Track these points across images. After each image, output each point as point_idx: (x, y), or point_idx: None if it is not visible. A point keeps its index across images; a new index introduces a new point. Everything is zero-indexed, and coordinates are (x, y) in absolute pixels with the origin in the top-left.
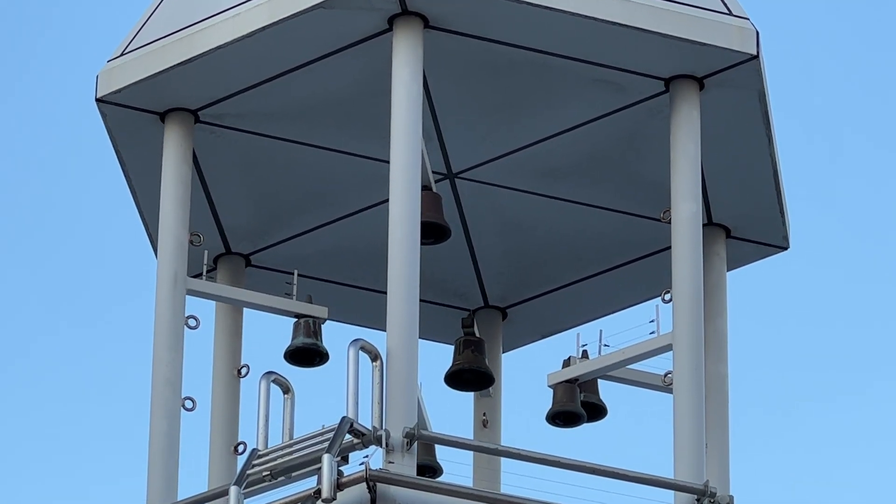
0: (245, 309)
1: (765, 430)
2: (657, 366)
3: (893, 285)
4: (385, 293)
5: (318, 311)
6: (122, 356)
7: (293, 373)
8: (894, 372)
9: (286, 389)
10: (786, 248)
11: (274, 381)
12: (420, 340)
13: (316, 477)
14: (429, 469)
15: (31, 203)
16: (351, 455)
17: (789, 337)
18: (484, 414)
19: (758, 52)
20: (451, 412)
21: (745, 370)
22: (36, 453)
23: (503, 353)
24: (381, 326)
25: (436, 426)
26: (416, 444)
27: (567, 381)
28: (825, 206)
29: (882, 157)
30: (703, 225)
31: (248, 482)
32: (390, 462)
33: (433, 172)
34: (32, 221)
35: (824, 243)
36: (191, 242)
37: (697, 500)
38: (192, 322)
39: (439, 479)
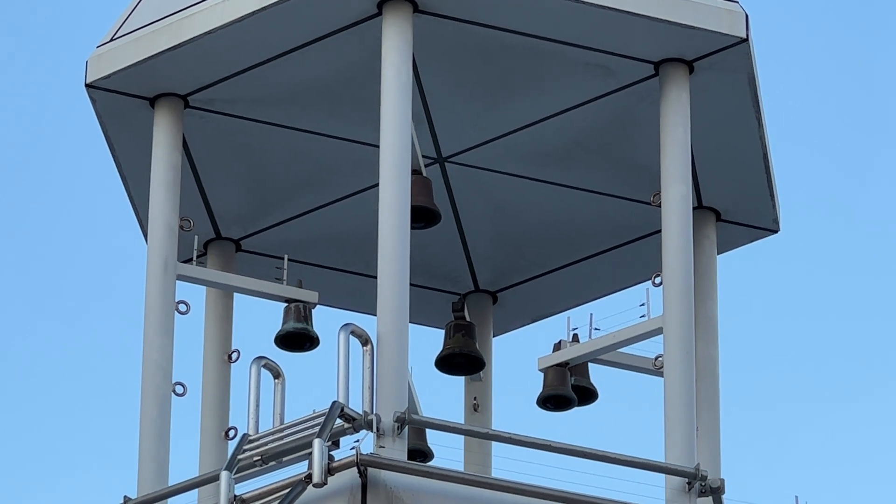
0: (235, 294)
1: (756, 412)
2: (648, 349)
3: (883, 268)
4: (375, 278)
5: (308, 295)
6: (112, 342)
7: (284, 358)
8: (886, 354)
9: (277, 374)
10: (776, 231)
11: (264, 366)
12: (410, 325)
13: (307, 462)
14: (420, 453)
15: (21, 189)
16: (342, 440)
17: (780, 320)
18: (475, 398)
19: (747, 36)
20: (442, 396)
21: (735, 353)
22: (26, 439)
23: (494, 336)
24: (372, 311)
25: (426, 410)
26: (406, 428)
27: (558, 365)
28: (816, 189)
29: (871, 139)
30: (693, 208)
31: (239, 467)
32: (381, 446)
33: (423, 157)
34: (22, 207)
35: (815, 226)
36: (181, 228)
37: (688, 483)
38: (182, 307)
39: (430, 463)
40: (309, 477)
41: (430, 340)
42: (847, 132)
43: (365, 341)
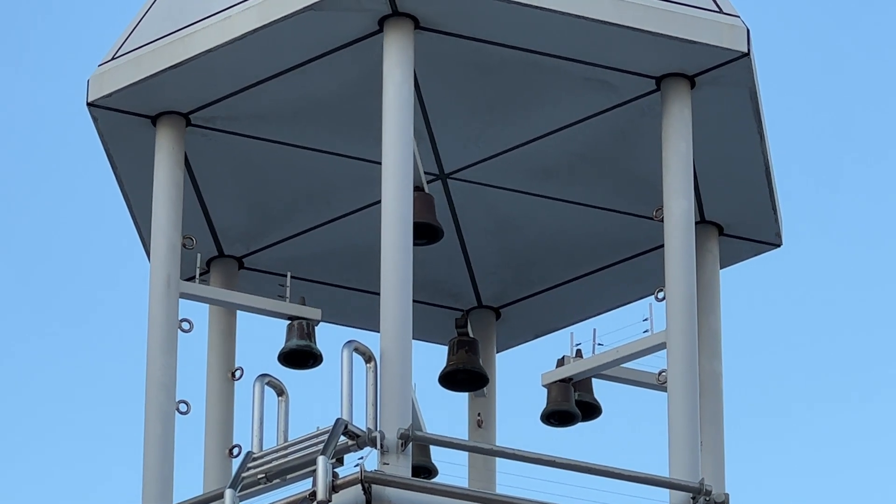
0: (238, 311)
1: (760, 427)
2: (651, 364)
3: (887, 282)
4: (378, 294)
5: (311, 312)
6: (115, 360)
7: (287, 375)
8: (889, 368)
9: (280, 392)
10: (779, 245)
11: (268, 384)
12: (414, 341)
13: (311, 479)
14: (424, 470)
15: (23, 208)
16: (346, 457)
17: (783, 334)
18: (478, 414)
19: (749, 50)
20: (446, 413)
21: (739, 368)
22: (31, 458)
23: (497, 352)
24: (375, 328)
25: (430, 427)
26: (410, 445)
27: (561, 381)
28: (818, 203)
29: (874, 152)
30: (696, 223)
31: (244, 485)
32: (385, 463)
33: (425, 173)
34: (24, 226)
35: (817, 240)
36: (183, 245)
37: (693, 498)
38: (185, 325)
39: (434, 479)
40: (313, 494)
41: (433, 357)
42: (850, 144)
43: (368, 358)
